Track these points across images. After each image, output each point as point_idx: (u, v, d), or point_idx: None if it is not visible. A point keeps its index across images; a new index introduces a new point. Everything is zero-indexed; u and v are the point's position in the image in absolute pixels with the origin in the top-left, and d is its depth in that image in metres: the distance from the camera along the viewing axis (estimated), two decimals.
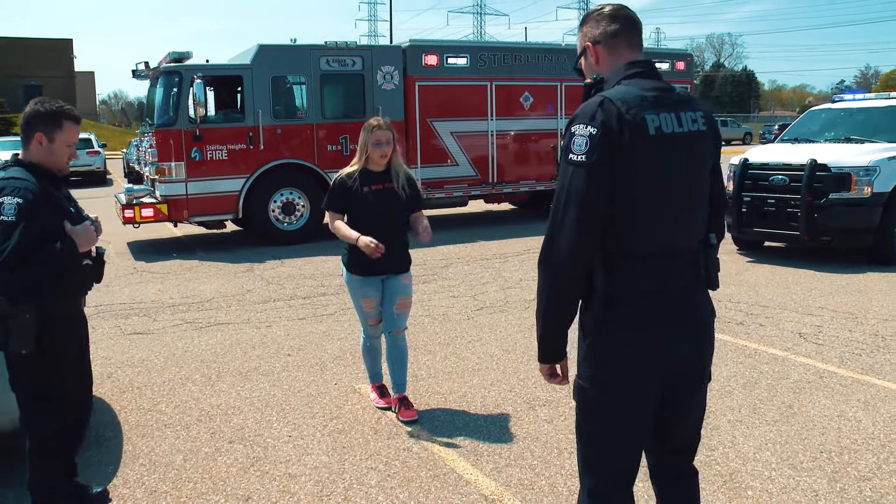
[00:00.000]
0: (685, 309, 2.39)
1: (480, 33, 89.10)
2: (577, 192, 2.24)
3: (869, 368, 5.65)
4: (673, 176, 2.34)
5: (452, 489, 3.92)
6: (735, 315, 7.25)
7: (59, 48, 59.44)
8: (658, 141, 2.27)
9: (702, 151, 2.42)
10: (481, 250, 11.25)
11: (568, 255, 2.27)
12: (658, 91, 2.36)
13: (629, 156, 2.24)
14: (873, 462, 4.12)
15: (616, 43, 2.44)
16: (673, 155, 2.32)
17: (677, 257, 2.38)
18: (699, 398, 2.57)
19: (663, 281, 2.34)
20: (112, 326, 7.34)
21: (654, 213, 2.31)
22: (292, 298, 8.39)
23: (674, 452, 2.62)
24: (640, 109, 2.27)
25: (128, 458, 4.39)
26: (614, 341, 2.35)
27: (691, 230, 2.42)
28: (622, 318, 2.33)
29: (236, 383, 5.63)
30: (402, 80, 12.97)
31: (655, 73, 2.45)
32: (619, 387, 2.37)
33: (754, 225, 10.01)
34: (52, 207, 3.33)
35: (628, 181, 2.26)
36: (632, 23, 2.47)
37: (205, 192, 11.75)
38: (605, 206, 2.25)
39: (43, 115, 3.41)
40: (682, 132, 2.33)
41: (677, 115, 2.34)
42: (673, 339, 2.36)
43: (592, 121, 2.26)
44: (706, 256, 2.47)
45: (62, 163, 3.47)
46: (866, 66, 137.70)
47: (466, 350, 6.33)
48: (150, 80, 13.04)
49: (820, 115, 11.66)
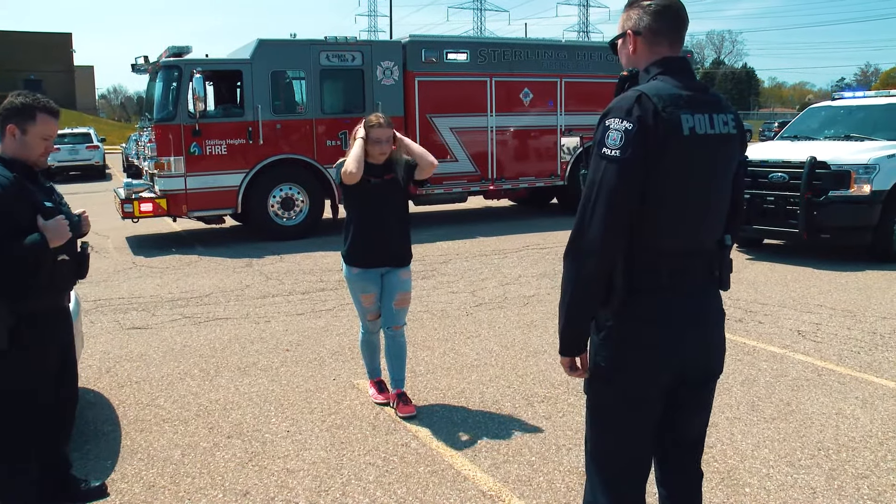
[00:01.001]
0: (699, 308, 2.41)
1: (480, 29, 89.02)
2: (608, 186, 2.23)
3: (867, 366, 5.65)
4: (700, 177, 2.34)
5: (450, 485, 3.92)
6: (734, 312, 7.25)
7: (59, 42, 59.34)
8: (691, 141, 2.27)
9: (729, 154, 2.42)
10: (480, 246, 11.24)
11: (596, 249, 2.26)
12: (693, 90, 2.34)
13: (662, 154, 2.23)
14: (871, 460, 4.13)
15: (658, 40, 2.40)
16: (703, 156, 2.32)
17: (696, 256, 2.39)
18: (708, 395, 2.58)
19: (681, 279, 2.35)
20: (111, 321, 7.34)
21: (679, 212, 2.32)
22: (291, 294, 8.39)
23: (682, 449, 2.62)
24: (677, 108, 2.26)
25: (126, 452, 4.39)
26: (629, 336, 2.35)
27: (711, 231, 2.43)
28: (639, 313, 2.34)
29: (235, 378, 5.63)
30: (401, 75, 12.96)
31: (691, 71, 2.42)
32: (630, 381, 2.38)
33: (754, 222, 9.98)
34: (25, 202, 3.30)
35: (659, 179, 2.26)
36: (679, 21, 2.41)
37: (204, 187, 11.73)
38: (635, 202, 2.25)
39: (16, 107, 3.38)
40: (714, 134, 2.33)
41: (710, 116, 2.33)
42: (686, 336, 2.37)
43: (629, 115, 2.23)
44: (721, 257, 2.47)
45: (35, 156, 3.42)
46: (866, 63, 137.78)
47: (465, 346, 6.33)
48: (149, 75, 13.02)
49: (820, 112, 11.66)
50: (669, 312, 2.34)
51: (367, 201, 4.73)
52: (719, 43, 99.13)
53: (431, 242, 11.46)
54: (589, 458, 2.54)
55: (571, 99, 14.12)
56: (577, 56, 14.29)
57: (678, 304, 2.35)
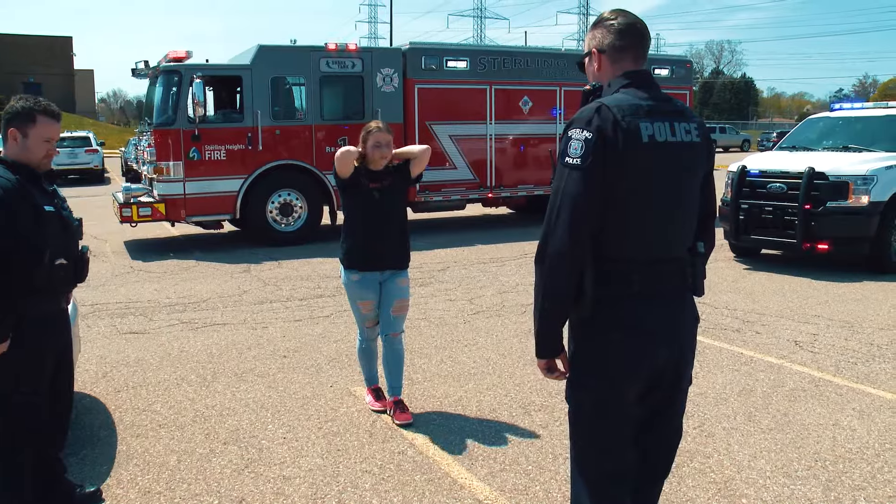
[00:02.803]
0: (670, 314, 2.48)
1: (480, 37, 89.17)
2: (571, 194, 2.33)
3: (864, 377, 5.65)
4: (663, 184, 2.42)
5: (447, 493, 3.91)
6: (731, 322, 7.26)
7: (59, 46, 59.41)
8: (650, 149, 2.36)
9: (694, 162, 2.50)
10: (478, 254, 11.24)
11: (560, 254, 2.35)
12: (654, 100, 2.44)
13: (622, 161, 2.33)
14: (868, 471, 4.12)
15: (621, 56, 2.51)
16: (664, 163, 2.40)
17: (665, 263, 2.46)
18: (681, 400, 2.64)
19: (650, 285, 2.43)
20: (108, 326, 7.33)
21: (643, 219, 2.40)
22: (289, 300, 8.38)
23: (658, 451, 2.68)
24: (635, 117, 2.35)
25: (122, 458, 4.38)
26: (600, 343, 2.44)
27: (679, 237, 2.50)
28: (609, 320, 2.42)
29: (231, 384, 5.62)
30: (401, 82, 12.98)
31: (653, 83, 2.51)
32: (604, 388, 2.45)
33: (752, 232, 10.01)
34: (28, 204, 3.31)
35: (620, 186, 2.34)
36: (640, 38, 2.53)
37: (203, 192, 11.74)
38: (596, 208, 2.34)
39: (17, 111, 3.41)
40: (675, 142, 2.42)
41: (671, 124, 2.42)
42: (657, 342, 2.44)
43: (588, 125, 2.34)
44: (693, 264, 2.54)
45: (37, 158, 3.44)
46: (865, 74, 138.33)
47: (462, 354, 6.32)
48: (149, 79, 13.03)
49: (818, 123, 11.68)
50: (640, 319, 2.42)
51: (366, 206, 4.75)
52: (718, 53, 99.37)
53: (429, 250, 11.46)
54: (573, 464, 2.61)
55: (571, 107, 14.12)
56: (577, 64, 14.28)
57: (649, 310, 2.43)
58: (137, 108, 56.47)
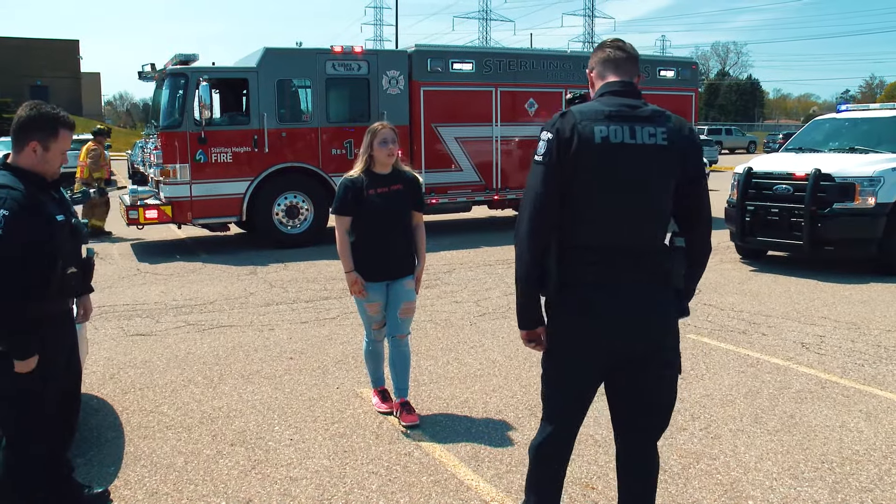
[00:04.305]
0: (630, 301, 2.69)
1: (486, 39, 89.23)
2: (534, 187, 2.71)
3: (871, 379, 5.64)
4: (617, 180, 2.67)
5: (453, 495, 3.92)
6: (738, 324, 7.25)
7: (66, 49, 59.62)
8: (603, 148, 2.64)
9: (657, 163, 2.70)
10: (484, 256, 11.25)
11: (523, 240, 2.73)
12: (622, 107, 2.71)
13: (576, 159, 2.64)
14: (875, 473, 4.12)
15: (605, 72, 2.86)
16: (618, 162, 2.66)
17: (624, 254, 2.70)
18: (650, 382, 2.82)
19: (608, 274, 2.69)
20: (115, 327, 7.36)
21: (595, 211, 2.69)
22: (295, 302, 8.40)
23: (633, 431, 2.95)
24: (592, 121, 2.67)
25: (129, 459, 4.40)
26: (561, 324, 2.79)
27: (639, 231, 2.72)
28: (568, 304, 2.74)
29: (238, 386, 5.64)
30: (407, 84, 13.00)
31: (630, 92, 2.78)
32: (561, 361, 2.84)
33: (758, 234, 10.00)
34: (42, 216, 3.31)
35: (576, 181, 2.66)
36: (624, 56, 2.85)
37: (209, 194, 11.77)
38: (555, 199, 2.68)
39: (39, 122, 3.37)
40: (633, 143, 2.67)
41: (632, 128, 2.68)
42: (610, 329, 2.70)
43: (552, 128, 2.71)
44: (668, 258, 2.75)
45: (54, 169, 3.45)
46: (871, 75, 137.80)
47: (468, 355, 6.33)
48: (155, 82, 13.09)
49: (824, 124, 11.66)
50: (596, 304, 2.69)
51: (373, 213, 4.74)
52: (724, 54, 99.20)
53: (435, 252, 11.47)
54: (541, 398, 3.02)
55: None
56: (582, 66, 14.22)
57: (606, 296, 2.69)
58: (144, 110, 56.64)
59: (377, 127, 4.78)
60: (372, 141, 4.74)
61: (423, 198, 5.01)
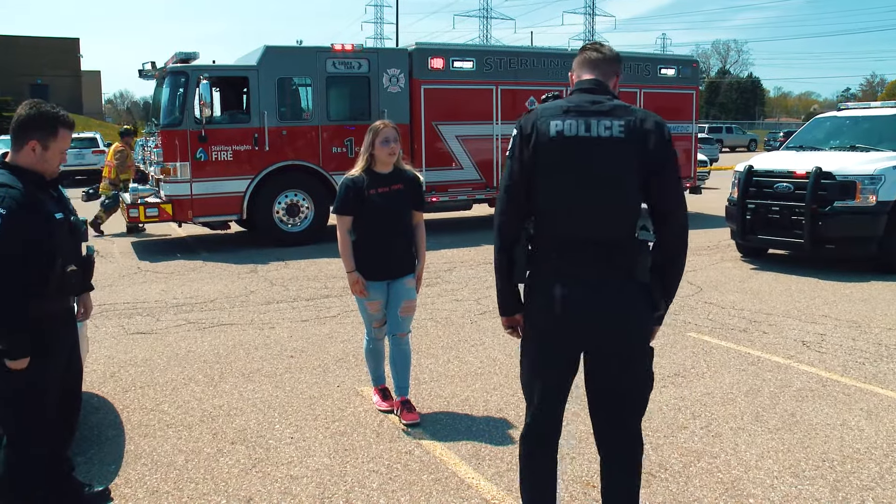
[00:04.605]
0: (590, 292, 2.79)
1: (486, 37, 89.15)
2: (504, 180, 2.91)
3: (872, 377, 5.64)
4: (573, 172, 2.78)
5: (454, 493, 3.92)
6: (738, 322, 7.25)
7: (66, 47, 59.50)
8: (557, 142, 2.77)
9: (613, 155, 2.77)
10: (485, 254, 11.24)
11: (496, 229, 2.95)
12: (583, 102, 2.82)
13: (535, 153, 2.80)
14: (876, 472, 4.11)
15: (581, 72, 2.99)
16: (573, 155, 2.77)
17: (584, 246, 2.79)
18: (610, 370, 2.90)
19: (568, 265, 2.81)
20: (115, 326, 7.36)
21: (555, 203, 2.81)
22: (296, 300, 8.40)
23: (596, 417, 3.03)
24: (550, 117, 2.81)
25: (130, 457, 4.40)
26: (530, 311, 2.96)
27: (598, 223, 2.80)
28: (535, 293, 2.91)
29: (239, 384, 5.64)
30: (407, 83, 12.99)
31: (597, 89, 2.89)
32: (534, 347, 2.98)
33: (758, 232, 10.00)
34: (40, 215, 3.31)
35: (536, 174, 2.81)
36: (601, 57, 2.97)
37: (209, 192, 11.77)
38: (521, 192, 2.85)
39: (39, 121, 3.37)
40: (588, 136, 2.76)
41: (587, 122, 2.77)
42: (572, 317, 2.81)
43: (518, 125, 2.89)
44: (632, 251, 2.81)
45: (53, 168, 3.45)
46: (872, 74, 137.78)
47: (469, 354, 6.33)
48: (156, 81, 13.08)
49: (825, 122, 11.65)
50: (557, 295, 2.81)
51: (374, 212, 4.73)
52: (725, 52, 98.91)
53: (436, 250, 11.47)
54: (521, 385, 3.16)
55: None
56: None
57: (565, 287, 2.80)
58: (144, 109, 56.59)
59: (379, 126, 4.77)
60: (373, 140, 4.73)
61: (423, 197, 5.01)
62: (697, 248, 11.51)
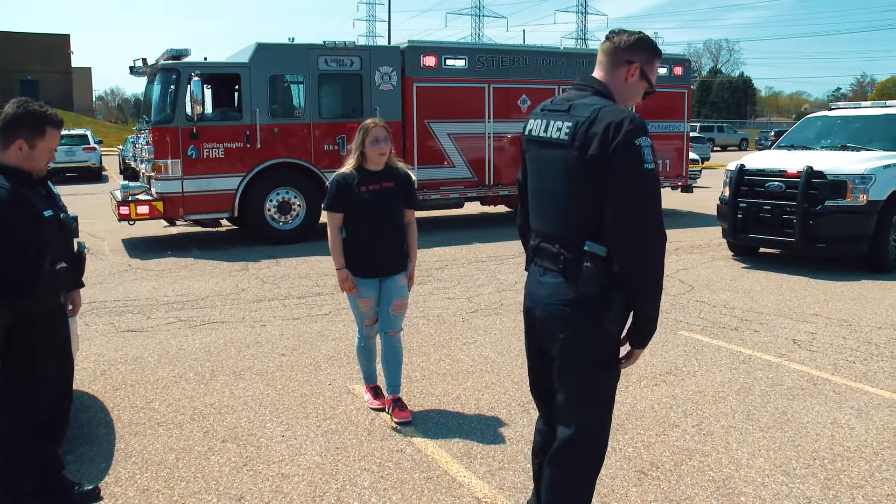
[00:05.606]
0: (534, 287, 2.89)
1: (478, 35, 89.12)
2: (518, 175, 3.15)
3: (862, 376, 5.66)
4: (535, 171, 2.89)
5: (445, 491, 3.91)
6: (729, 321, 7.26)
7: (57, 43, 59.20)
8: (528, 141, 2.93)
9: (558, 158, 2.72)
10: (477, 252, 11.25)
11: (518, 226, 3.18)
12: (561, 100, 2.82)
13: (522, 150, 3.03)
14: (866, 470, 4.13)
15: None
16: (536, 154, 2.88)
17: (543, 242, 2.85)
18: (544, 367, 2.95)
19: (532, 259, 2.95)
20: (106, 323, 7.32)
21: (530, 198, 2.96)
22: (287, 298, 8.38)
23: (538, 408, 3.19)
24: (533, 115, 2.94)
25: (120, 455, 4.38)
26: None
27: (552, 222, 2.82)
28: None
29: (230, 382, 5.62)
30: (399, 80, 12.97)
31: (579, 85, 2.86)
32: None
33: (750, 231, 10.02)
34: (25, 212, 3.29)
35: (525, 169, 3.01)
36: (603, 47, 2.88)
37: (201, 190, 11.72)
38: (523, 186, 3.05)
39: (25, 119, 3.36)
40: (543, 137, 2.80)
41: (547, 122, 2.80)
42: (526, 308, 2.98)
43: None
44: (577, 259, 2.65)
45: (41, 167, 3.44)
46: (862, 74, 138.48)
47: (461, 352, 6.33)
48: (147, 77, 13.02)
49: (816, 122, 11.69)
50: (525, 285, 2.98)
51: (364, 210, 4.72)
52: (717, 51, 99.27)
53: (428, 248, 11.46)
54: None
55: None
56: (575, 63, 14.30)
57: (528, 278, 2.96)
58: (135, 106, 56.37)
59: (369, 125, 4.75)
60: (364, 139, 4.71)
61: (415, 195, 4.99)
62: (689, 247, 11.54)
